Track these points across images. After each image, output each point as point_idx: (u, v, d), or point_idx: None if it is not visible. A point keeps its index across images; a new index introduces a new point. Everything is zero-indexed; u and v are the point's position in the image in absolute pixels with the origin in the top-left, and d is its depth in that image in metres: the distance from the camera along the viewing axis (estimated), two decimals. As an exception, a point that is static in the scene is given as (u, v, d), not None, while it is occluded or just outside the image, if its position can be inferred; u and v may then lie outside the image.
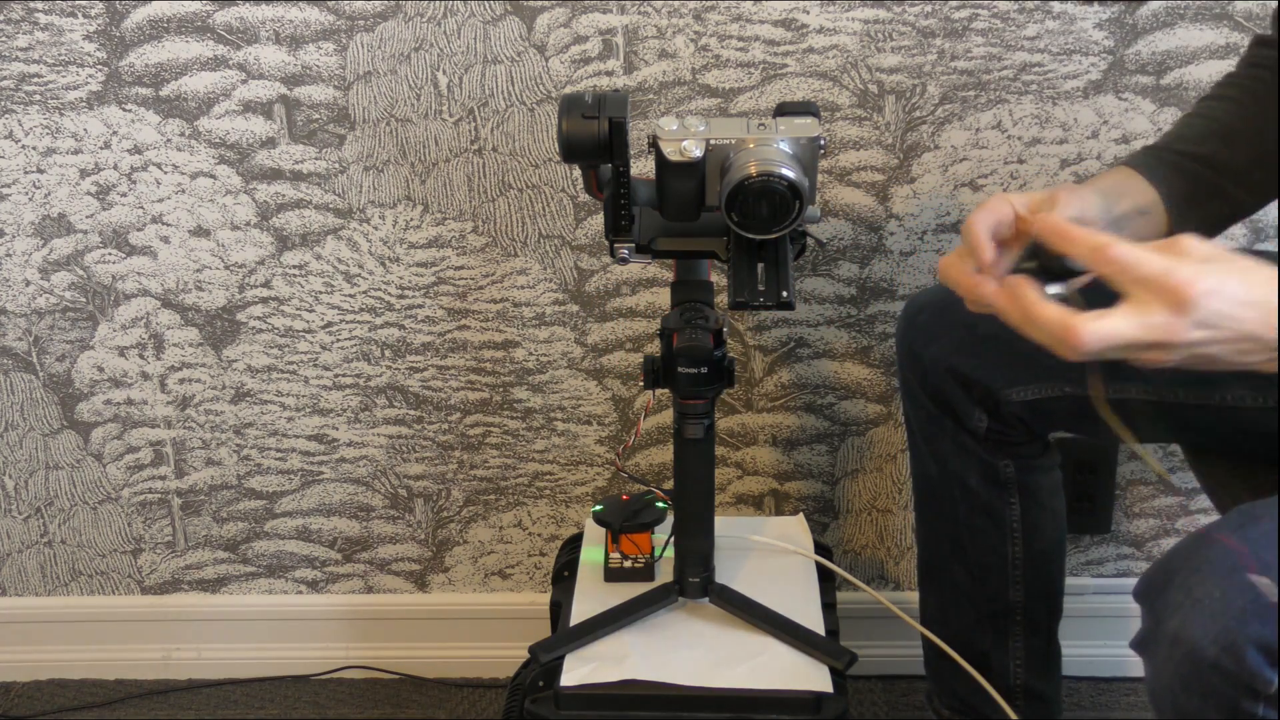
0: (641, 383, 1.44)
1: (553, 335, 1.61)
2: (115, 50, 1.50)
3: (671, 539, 1.30)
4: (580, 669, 1.23)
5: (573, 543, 1.46)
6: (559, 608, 1.36)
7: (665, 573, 1.34)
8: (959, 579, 1.39)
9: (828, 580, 1.38)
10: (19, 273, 1.60)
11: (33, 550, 1.76)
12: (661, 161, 1.07)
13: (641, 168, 1.18)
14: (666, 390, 1.20)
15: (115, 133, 1.53)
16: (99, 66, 1.50)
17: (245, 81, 1.51)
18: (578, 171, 1.38)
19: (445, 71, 1.50)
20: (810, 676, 1.21)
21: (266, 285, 1.60)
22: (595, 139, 1.09)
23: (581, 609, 1.31)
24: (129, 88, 1.51)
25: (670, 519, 1.32)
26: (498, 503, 1.71)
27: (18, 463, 1.71)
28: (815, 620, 1.29)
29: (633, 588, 1.32)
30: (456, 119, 1.52)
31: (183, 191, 1.56)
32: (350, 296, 1.60)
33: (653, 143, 1.08)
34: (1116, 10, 1.44)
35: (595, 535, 1.41)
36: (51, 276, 1.60)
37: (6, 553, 1.76)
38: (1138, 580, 0.99)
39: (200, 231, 1.58)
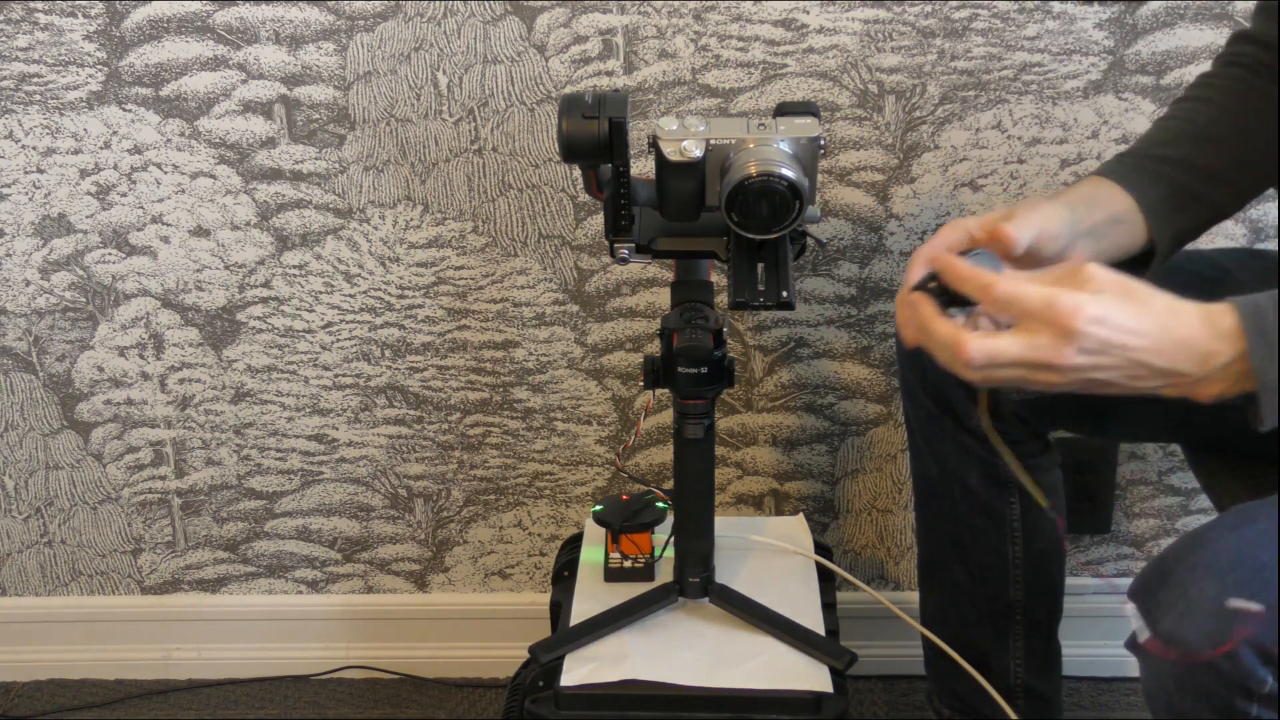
0: (641, 383, 1.44)
1: (553, 335, 1.61)
2: (115, 50, 1.50)
3: (671, 539, 1.30)
4: (580, 669, 1.23)
5: (573, 543, 1.46)
6: (559, 608, 1.36)
7: (665, 573, 1.34)
8: (959, 579, 1.39)
9: (828, 580, 1.38)
10: (19, 273, 1.60)
11: (33, 550, 1.76)
12: (661, 161, 1.07)
13: (641, 168, 1.18)
14: (666, 390, 1.20)
15: (115, 133, 1.53)
16: (99, 66, 1.50)
17: (245, 81, 1.51)
18: (578, 171, 1.38)
19: (445, 71, 1.50)
20: (810, 676, 1.21)
21: (266, 285, 1.60)
22: (595, 139, 1.09)
23: (581, 609, 1.31)
24: (129, 88, 1.51)
25: (670, 519, 1.32)
26: (498, 503, 1.71)
27: (18, 463, 1.71)
28: (815, 620, 1.29)
29: (633, 588, 1.32)
30: (456, 119, 1.52)
31: (183, 191, 1.56)
32: (350, 296, 1.60)
33: (653, 143, 1.08)
34: (1116, 10, 1.44)
35: (595, 535, 1.41)
36: (51, 276, 1.60)
37: (6, 553, 1.76)
38: (1132, 580, 1.00)
39: (200, 231, 1.58)
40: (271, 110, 1.52)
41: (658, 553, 1.36)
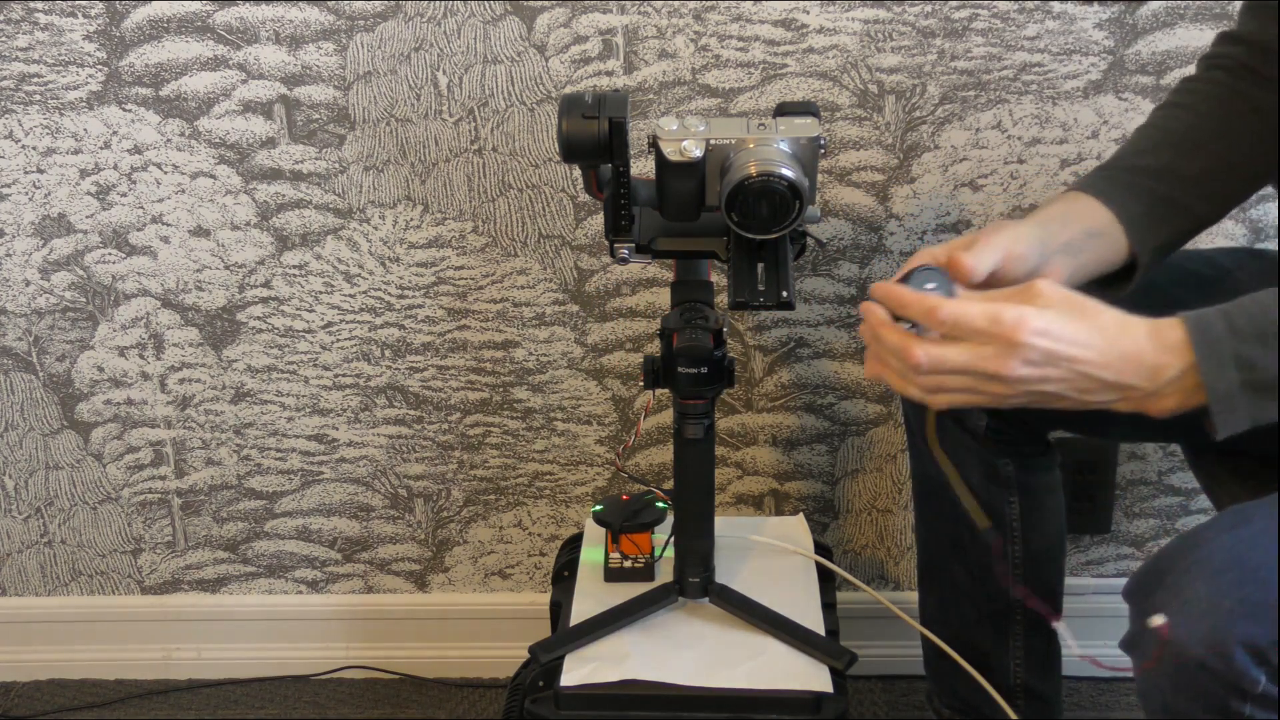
0: (641, 383, 1.44)
1: (553, 335, 1.61)
2: (115, 50, 1.50)
3: (671, 539, 1.30)
4: (580, 669, 1.23)
5: (573, 543, 1.46)
6: (559, 608, 1.36)
7: (665, 573, 1.34)
8: (959, 578, 1.39)
9: (828, 580, 1.38)
10: (19, 273, 1.60)
11: (33, 550, 1.76)
12: (661, 161, 1.07)
13: (641, 168, 1.18)
14: (666, 390, 1.20)
15: (115, 133, 1.53)
16: (99, 66, 1.50)
17: (245, 81, 1.51)
18: (578, 171, 1.38)
19: (445, 71, 1.50)
20: (810, 676, 1.21)
21: (266, 285, 1.60)
22: (595, 139, 1.09)
23: (581, 609, 1.31)
24: (129, 88, 1.51)
25: (670, 519, 1.32)
26: (498, 503, 1.71)
27: (18, 463, 1.71)
28: (815, 620, 1.29)
29: (633, 588, 1.32)
30: (456, 119, 1.52)
31: (183, 191, 1.56)
32: (350, 296, 1.60)
33: (653, 143, 1.08)
34: (1116, 10, 1.44)
35: (595, 535, 1.41)
36: (51, 276, 1.60)
37: (6, 553, 1.76)
38: (1127, 580, 1.00)
39: (200, 231, 1.58)
40: (271, 110, 1.52)
41: (658, 553, 1.36)
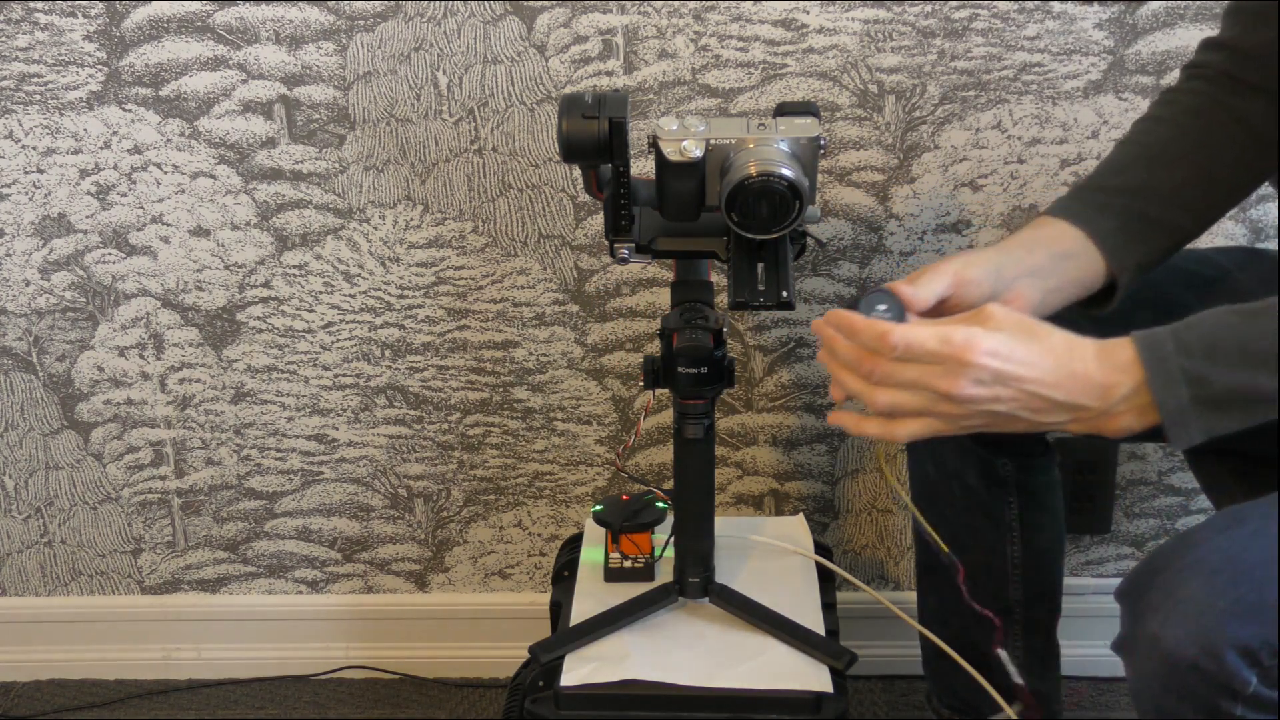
0: (641, 383, 1.44)
1: (553, 335, 1.61)
2: (115, 50, 1.50)
3: (671, 539, 1.30)
4: (580, 669, 1.23)
5: (573, 543, 1.46)
6: (559, 608, 1.36)
7: (665, 573, 1.34)
8: (958, 579, 1.39)
9: (828, 580, 1.38)
10: (19, 273, 1.60)
11: (33, 550, 1.76)
12: (661, 161, 1.07)
13: (641, 168, 1.18)
14: (666, 390, 1.20)
15: (115, 133, 1.53)
16: (99, 66, 1.50)
17: (245, 81, 1.51)
18: (578, 171, 1.38)
19: (445, 71, 1.50)
20: (810, 676, 1.21)
21: (266, 285, 1.60)
22: (595, 139, 1.09)
23: (581, 609, 1.31)
24: (129, 88, 1.51)
25: (670, 519, 1.32)
26: (498, 503, 1.71)
27: (18, 463, 1.71)
28: (815, 620, 1.29)
29: (633, 588, 1.32)
30: (456, 119, 1.52)
31: (183, 191, 1.56)
32: (350, 296, 1.60)
33: (653, 143, 1.07)
34: (1116, 10, 1.44)
35: (595, 535, 1.41)
36: (51, 276, 1.60)
37: (6, 553, 1.76)
38: (1120, 581, 1.00)
39: (200, 231, 1.58)
40: (271, 110, 1.52)
41: (658, 553, 1.36)
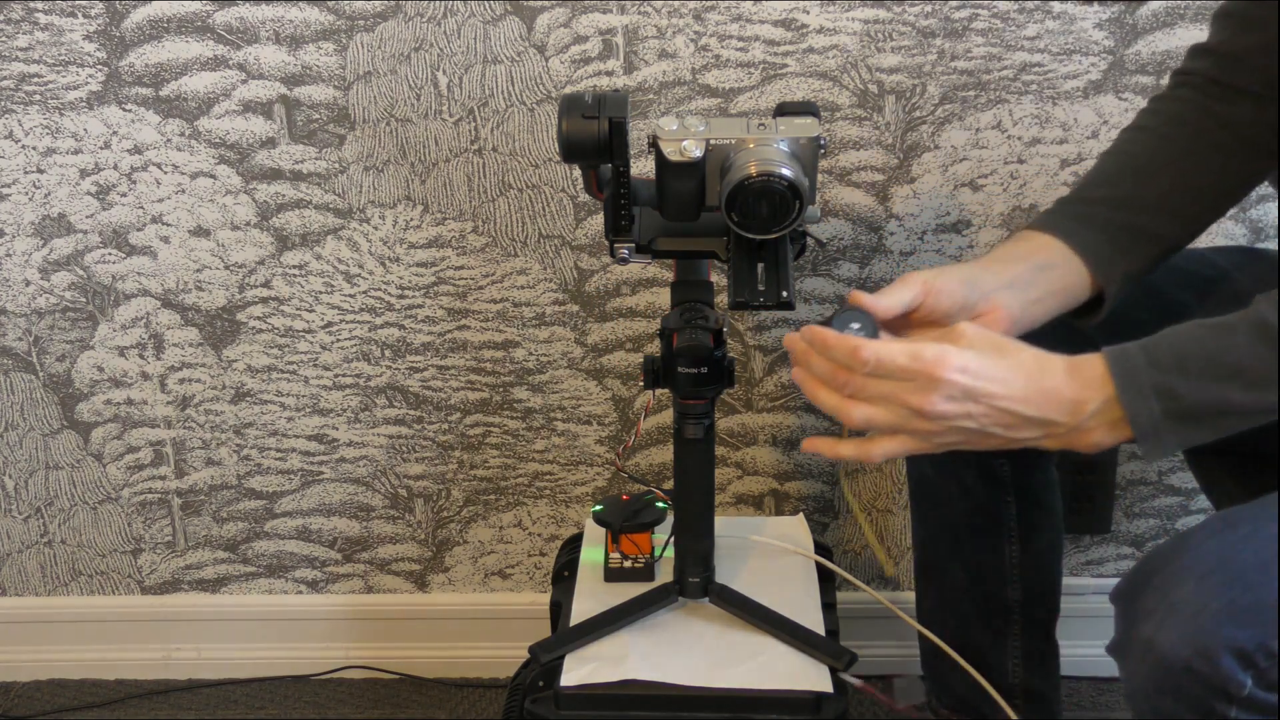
0: (641, 383, 1.44)
1: (553, 335, 1.61)
2: (115, 50, 1.50)
3: (671, 539, 1.30)
4: (580, 669, 1.23)
5: (573, 543, 1.46)
6: (559, 608, 1.36)
7: (665, 573, 1.34)
8: (956, 578, 1.39)
9: (828, 580, 1.38)
10: (19, 273, 1.60)
11: (33, 550, 1.76)
12: (661, 161, 1.07)
13: (641, 168, 1.18)
14: (666, 390, 1.20)
15: (115, 133, 1.53)
16: (99, 66, 1.50)
17: (245, 81, 1.51)
18: (578, 171, 1.38)
19: (445, 71, 1.50)
20: (810, 676, 1.21)
21: (266, 285, 1.60)
22: (595, 139, 1.09)
23: (581, 609, 1.31)
24: (129, 88, 1.51)
25: (670, 519, 1.32)
26: (498, 503, 1.71)
27: (18, 463, 1.71)
28: (815, 620, 1.29)
29: (633, 588, 1.32)
30: (456, 119, 1.52)
31: (183, 191, 1.56)
32: (350, 296, 1.60)
33: (653, 143, 1.07)
34: (1116, 10, 1.44)
35: (595, 535, 1.41)
36: (51, 276, 1.60)
37: (6, 553, 1.76)
38: (1116, 583, 1.00)
39: (200, 231, 1.58)
40: (271, 110, 1.52)
41: (658, 553, 1.36)
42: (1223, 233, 1.53)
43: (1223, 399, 0.95)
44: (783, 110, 1.13)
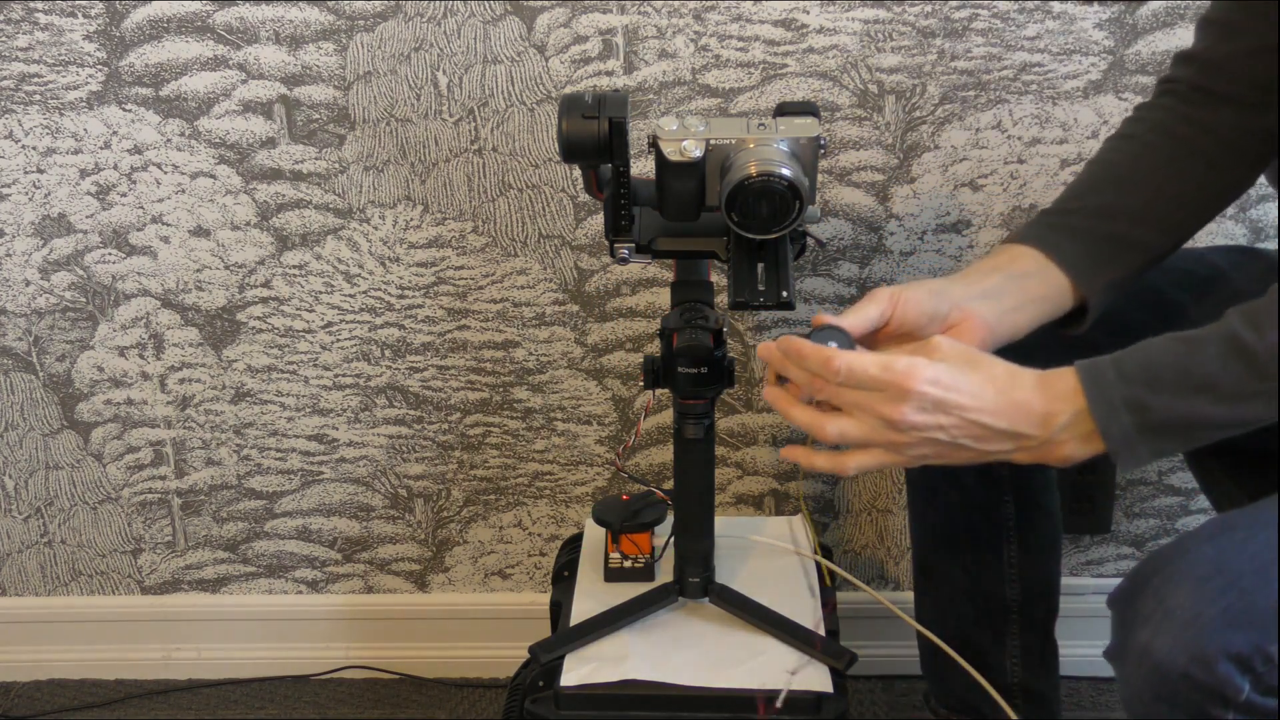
0: (641, 383, 1.44)
1: (553, 335, 1.61)
2: (115, 50, 1.50)
3: (671, 539, 1.30)
4: (580, 669, 1.23)
5: (573, 543, 1.46)
6: (559, 608, 1.36)
7: (665, 573, 1.34)
8: (955, 578, 1.39)
9: (828, 580, 1.38)
10: (19, 273, 1.60)
11: (33, 550, 1.76)
12: (661, 161, 1.07)
13: (641, 168, 1.18)
14: (666, 390, 1.20)
15: (115, 133, 1.53)
16: (99, 66, 1.50)
17: (245, 81, 1.51)
18: (578, 171, 1.38)
19: (445, 71, 1.50)
20: (810, 676, 1.21)
21: (266, 285, 1.60)
22: (595, 139, 1.09)
23: (581, 609, 1.31)
24: (129, 88, 1.51)
25: (670, 519, 1.32)
26: (498, 503, 1.71)
27: (18, 463, 1.71)
28: (815, 620, 1.29)
29: (633, 588, 1.32)
30: (456, 119, 1.52)
31: (183, 191, 1.56)
32: (350, 296, 1.60)
33: (653, 143, 1.07)
34: (1116, 10, 1.44)
35: (595, 535, 1.41)
36: (51, 276, 1.60)
37: (6, 553, 1.76)
38: (1112, 589, 1.00)
39: (200, 231, 1.58)
40: (271, 110, 1.52)
41: (658, 553, 1.36)
42: (1223, 233, 1.53)
43: (1194, 412, 0.96)
44: (783, 110, 1.13)
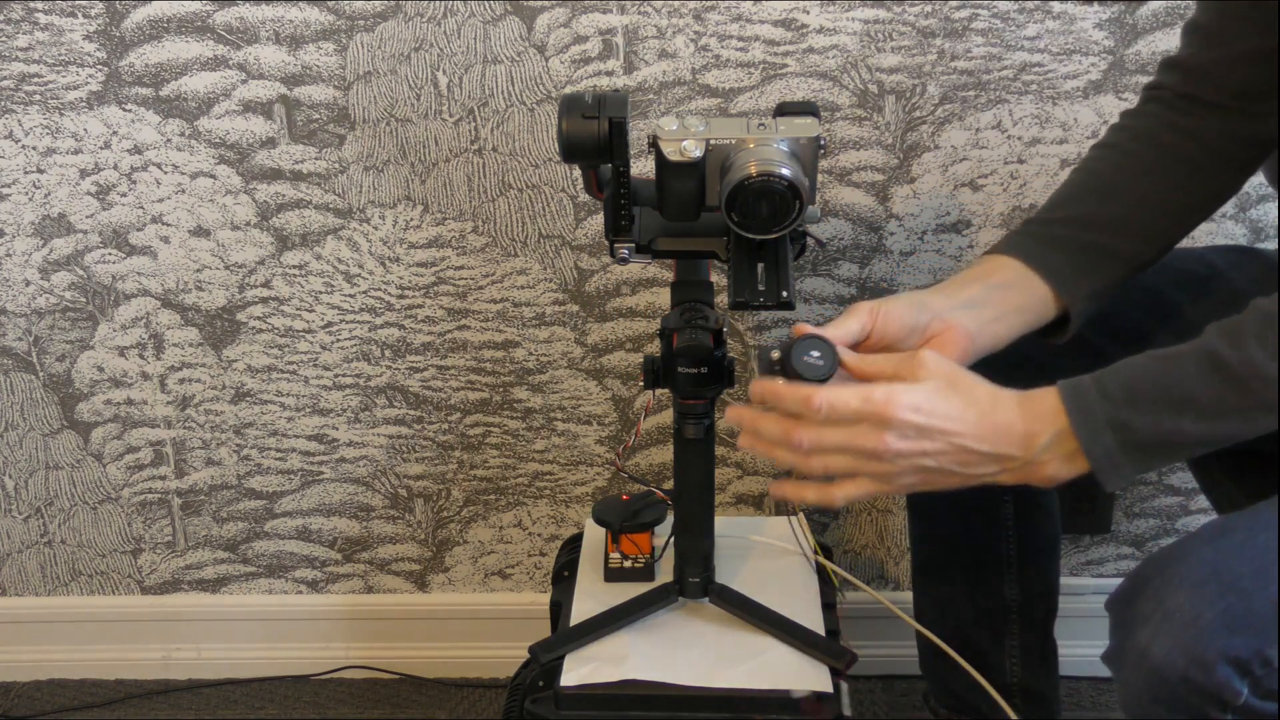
0: (641, 383, 1.44)
1: (553, 335, 1.61)
2: (115, 50, 1.50)
3: (671, 539, 1.30)
4: (580, 669, 1.23)
5: (573, 543, 1.46)
6: (559, 608, 1.36)
7: (665, 573, 1.34)
8: (954, 578, 1.39)
9: (828, 580, 1.38)
10: (19, 273, 1.60)
11: (33, 550, 1.76)
12: (661, 161, 1.07)
13: (641, 168, 1.18)
14: (666, 390, 1.20)
15: (115, 133, 1.53)
16: (99, 66, 1.50)
17: (245, 81, 1.51)
18: (578, 171, 1.38)
19: (445, 71, 1.50)
20: (810, 676, 1.21)
21: (266, 285, 1.60)
22: (595, 139, 1.09)
23: (581, 609, 1.31)
24: (129, 88, 1.51)
25: (670, 519, 1.32)
26: (498, 503, 1.71)
27: (18, 463, 1.71)
28: (815, 620, 1.29)
29: (633, 588, 1.32)
30: (456, 119, 1.52)
31: (183, 191, 1.56)
32: (350, 296, 1.60)
33: (653, 143, 1.07)
34: (1116, 10, 1.44)
35: (595, 535, 1.41)
36: (51, 276, 1.60)
37: (6, 553, 1.76)
38: (1111, 592, 1.00)
39: (200, 231, 1.58)
40: (271, 110, 1.52)
41: (658, 553, 1.36)
42: (1223, 233, 1.53)
43: (1176, 430, 0.96)
44: (783, 110, 1.13)
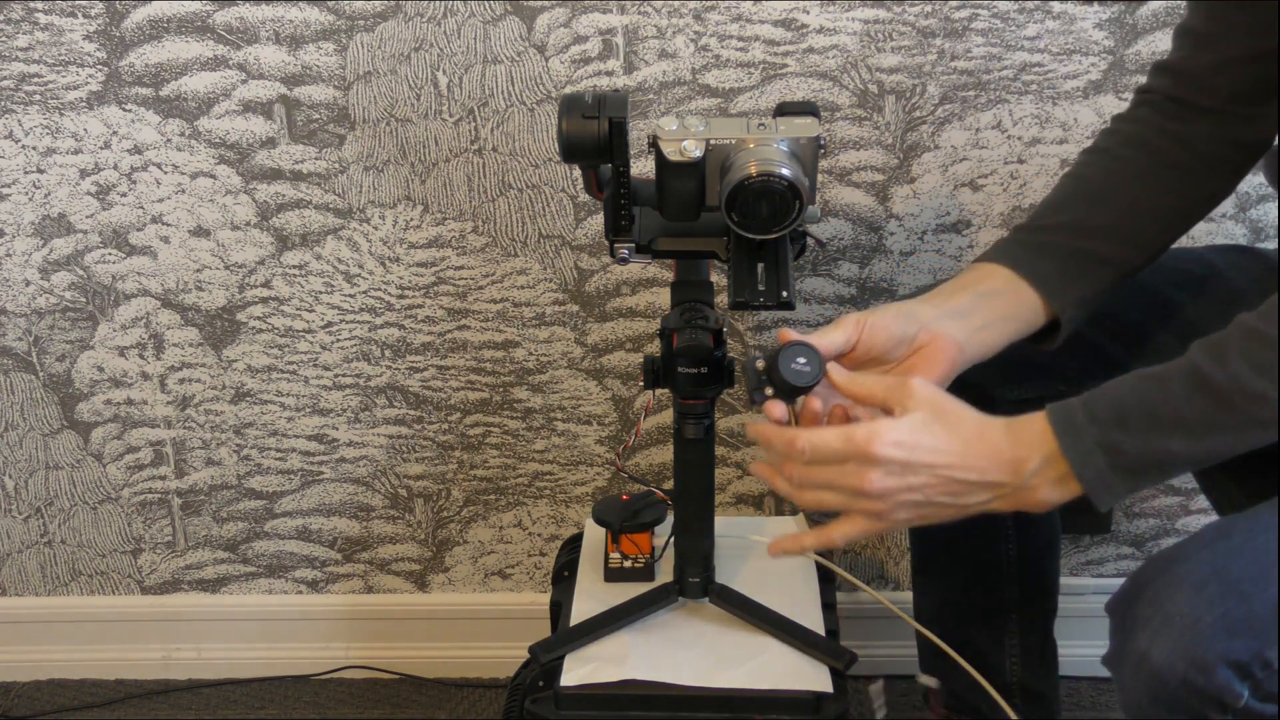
0: (641, 383, 1.44)
1: (553, 335, 1.61)
2: (115, 50, 1.50)
3: (671, 539, 1.30)
4: (580, 669, 1.23)
5: (573, 543, 1.46)
6: (559, 608, 1.36)
7: (665, 573, 1.34)
8: (954, 577, 1.39)
9: (828, 580, 1.38)
10: (19, 273, 1.60)
11: (33, 550, 1.76)
12: (661, 161, 1.07)
13: (641, 168, 1.18)
14: (666, 390, 1.20)
15: (115, 133, 1.53)
16: (99, 66, 1.50)
17: (245, 81, 1.51)
18: (578, 171, 1.38)
19: (445, 71, 1.50)
20: (810, 676, 1.21)
21: (266, 285, 1.60)
22: (595, 139, 1.09)
23: (581, 609, 1.31)
24: (129, 88, 1.51)
25: (670, 519, 1.32)
26: (498, 503, 1.71)
27: (18, 463, 1.71)
28: (815, 620, 1.29)
29: (633, 588, 1.32)
30: (456, 119, 1.52)
31: (183, 191, 1.56)
32: (350, 296, 1.60)
33: (653, 143, 1.07)
34: (1116, 10, 1.44)
35: (595, 535, 1.41)
36: (51, 276, 1.60)
37: (6, 553, 1.76)
38: (1111, 595, 1.00)
39: (200, 231, 1.58)
40: (271, 110, 1.52)
41: (658, 553, 1.36)
42: (1223, 233, 1.53)
43: (1165, 450, 0.96)
44: (783, 110, 1.13)
